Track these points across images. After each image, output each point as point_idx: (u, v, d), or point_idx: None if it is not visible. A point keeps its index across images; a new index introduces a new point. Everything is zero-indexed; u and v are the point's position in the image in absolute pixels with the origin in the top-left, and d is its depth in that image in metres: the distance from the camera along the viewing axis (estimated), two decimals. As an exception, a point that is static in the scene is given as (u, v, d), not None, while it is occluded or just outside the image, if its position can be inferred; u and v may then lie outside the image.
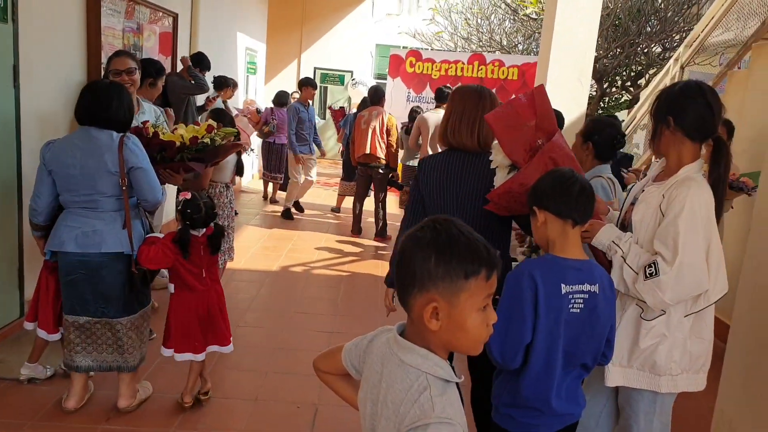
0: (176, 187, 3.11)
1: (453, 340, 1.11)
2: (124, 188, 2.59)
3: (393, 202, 8.05)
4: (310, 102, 7.44)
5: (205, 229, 2.80)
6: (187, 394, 2.88)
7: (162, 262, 2.68)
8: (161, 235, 2.78)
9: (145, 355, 2.85)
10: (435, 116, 6.05)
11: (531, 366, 1.70)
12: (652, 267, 1.86)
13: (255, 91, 10.12)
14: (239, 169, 4.10)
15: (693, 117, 1.94)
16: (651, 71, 9.41)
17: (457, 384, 1.15)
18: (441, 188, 2.42)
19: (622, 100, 10.70)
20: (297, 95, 8.94)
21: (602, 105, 9.70)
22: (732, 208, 4.21)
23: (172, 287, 2.82)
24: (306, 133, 7.26)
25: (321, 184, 9.72)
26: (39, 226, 2.70)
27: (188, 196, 2.74)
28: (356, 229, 6.90)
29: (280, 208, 7.65)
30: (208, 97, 6.29)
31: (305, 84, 7.41)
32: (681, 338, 1.94)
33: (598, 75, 9.44)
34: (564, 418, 1.79)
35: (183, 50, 5.98)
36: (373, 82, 10.08)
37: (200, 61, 5.83)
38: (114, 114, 2.59)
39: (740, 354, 2.64)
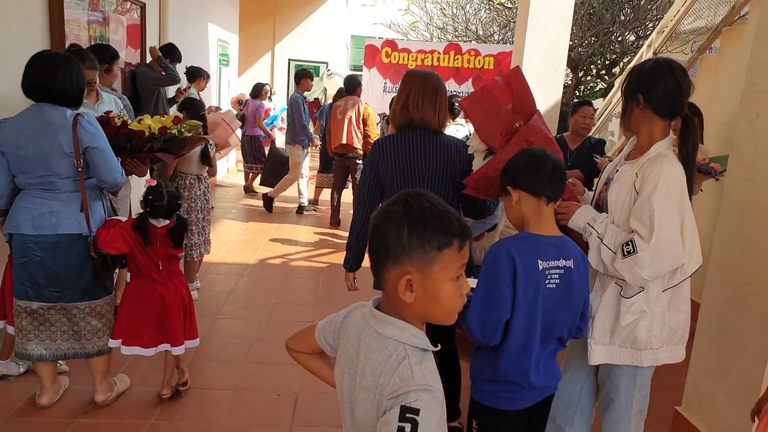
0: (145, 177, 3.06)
1: (427, 310, 1.13)
2: (79, 169, 2.50)
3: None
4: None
5: (168, 222, 2.72)
6: (165, 386, 2.84)
7: (121, 246, 2.59)
8: (124, 218, 2.73)
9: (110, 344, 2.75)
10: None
11: (510, 342, 1.71)
12: (629, 245, 1.88)
13: (228, 84, 10.00)
14: (204, 159, 3.97)
15: (662, 94, 1.96)
16: (625, 59, 9.54)
17: (433, 353, 1.17)
18: (402, 168, 2.47)
19: (597, 88, 10.83)
20: (268, 88, 8.88)
21: (578, 93, 9.80)
22: (702, 191, 4.30)
23: (128, 276, 2.75)
24: (306, 124, 7.21)
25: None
26: (0, 210, 2.61)
27: (153, 183, 2.69)
28: (335, 221, 6.87)
29: (258, 202, 7.58)
30: (179, 89, 6.18)
31: (305, 75, 7.39)
32: (660, 312, 1.97)
33: (573, 64, 9.53)
34: (542, 391, 1.82)
35: (152, 41, 5.87)
36: (348, 73, 10.03)
37: (170, 52, 5.72)
38: (60, 84, 2.46)
39: (710, 330, 2.69)
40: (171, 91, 6.11)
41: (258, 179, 8.18)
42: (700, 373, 2.76)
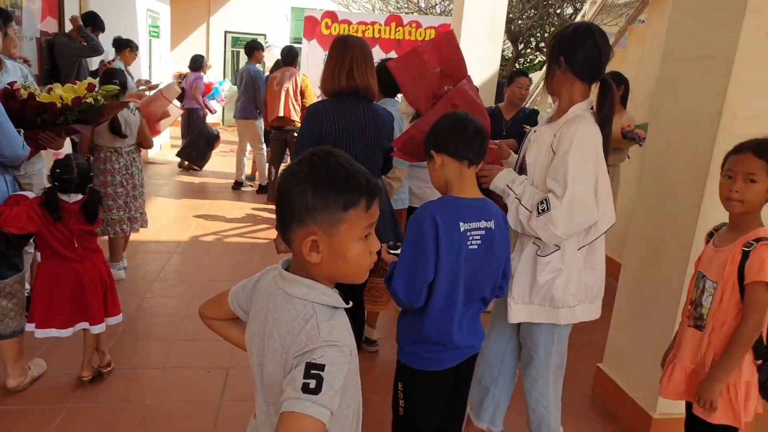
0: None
1: (336, 270, 1.10)
2: None
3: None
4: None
5: (80, 197, 2.56)
6: (85, 367, 2.71)
7: (26, 225, 2.42)
8: (31, 195, 2.55)
9: (24, 325, 2.61)
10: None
11: (433, 303, 1.71)
12: (544, 203, 1.91)
13: (160, 57, 9.56)
14: (113, 129, 3.71)
15: (582, 58, 1.99)
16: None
17: (347, 310, 1.16)
18: (344, 136, 2.42)
19: (537, 60, 10.99)
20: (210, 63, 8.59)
21: (517, 66, 9.90)
22: (629, 158, 4.43)
23: (38, 255, 2.59)
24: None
25: (229, 152, 9.40)
26: None
27: (60, 155, 2.52)
28: (272, 196, 6.74)
29: (192, 178, 7.37)
30: (103, 61, 5.85)
31: (256, 47, 7.22)
32: (576, 270, 2.01)
33: (513, 36, 9.61)
34: (466, 350, 1.83)
35: (72, 10, 5.51)
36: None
37: (92, 20, 5.39)
38: None
39: (629, 288, 2.80)
40: (94, 63, 5.77)
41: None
42: (620, 330, 2.87)
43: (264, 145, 7.13)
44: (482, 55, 6.06)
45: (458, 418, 1.97)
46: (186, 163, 7.89)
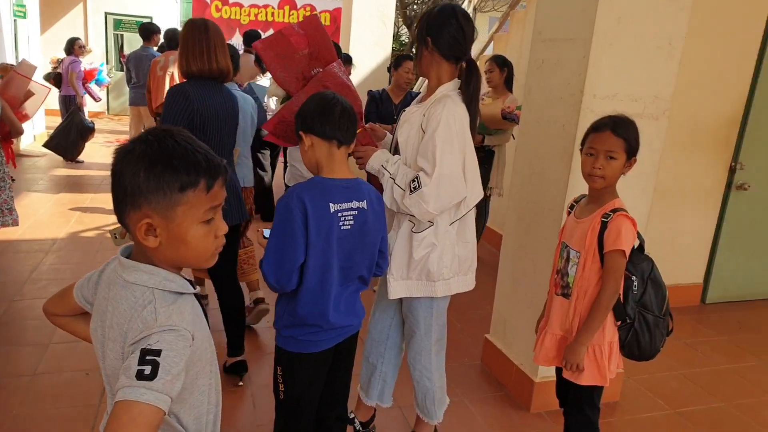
0: None
1: (177, 255, 1.06)
2: None
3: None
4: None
5: None
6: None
7: None
8: None
9: None
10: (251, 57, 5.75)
11: (306, 285, 1.70)
12: (415, 181, 1.96)
13: (28, 40, 8.74)
14: None
15: (447, 38, 2.04)
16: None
17: (198, 296, 1.13)
18: (217, 115, 2.49)
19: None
20: (82, 42, 7.95)
21: (414, 51, 10.05)
22: (513, 138, 4.64)
23: None
24: None
25: (115, 142, 8.86)
26: None
27: None
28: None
29: (71, 171, 6.86)
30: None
31: (154, 31, 6.97)
32: (449, 244, 2.08)
33: (409, 21, 9.73)
34: (344, 330, 1.84)
35: None
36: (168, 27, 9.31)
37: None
38: None
39: (509, 261, 2.94)
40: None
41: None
42: (502, 301, 3.01)
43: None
44: (373, 39, 6.10)
45: (341, 398, 1.99)
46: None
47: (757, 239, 4.21)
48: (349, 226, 1.73)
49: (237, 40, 7.99)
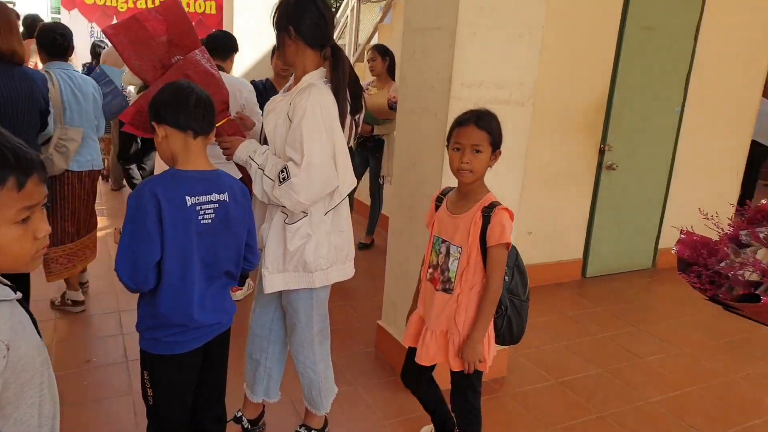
0: None
1: None
2: None
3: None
4: None
5: None
6: None
7: None
8: None
9: None
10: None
11: (166, 283, 1.64)
12: (284, 172, 1.93)
13: None
14: None
15: (309, 25, 2.02)
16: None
17: (22, 303, 1.05)
18: (11, 100, 2.53)
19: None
20: None
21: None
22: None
23: None
24: None
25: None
26: None
27: None
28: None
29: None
30: None
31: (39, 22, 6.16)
32: (324, 234, 2.08)
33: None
34: (212, 329, 1.79)
35: None
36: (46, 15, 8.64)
37: None
38: None
39: (395, 248, 3.00)
40: None
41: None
42: (392, 286, 3.07)
43: None
44: (258, 28, 5.97)
45: (217, 398, 1.94)
46: None
47: (627, 215, 4.56)
48: (209, 220, 1.68)
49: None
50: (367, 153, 4.53)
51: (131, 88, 4.63)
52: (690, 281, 1.44)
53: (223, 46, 3.58)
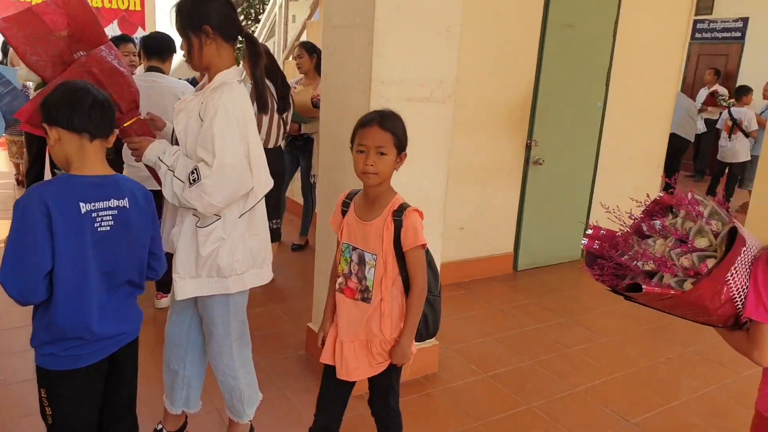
0: None
1: None
2: None
3: None
4: None
5: None
6: None
7: None
8: None
9: None
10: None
11: (60, 295, 1.54)
12: (194, 173, 1.86)
13: None
14: None
15: (223, 17, 1.95)
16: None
17: None
18: None
19: (253, 30, 10.95)
20: None
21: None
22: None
23: None
24: None
25: None
26: None
27: None
28: None
29: None
30: None
31: None
32: (239, 238, 2.01)
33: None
34: (116, 339, 1.70)
35: None
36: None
37: None
38: None
39: (323, 246, 2.96)
40: None
41: None
42: (321, 287, 3.02)
43: None
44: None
45: (127, 409, 1.85)
46: None
47: (555, 208, 4.69)
48: (108, 228, 1.60)
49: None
50: (297, 152, 4.46)
51: (30, 84, 4.35)
52: (593, 274, 1.46)
53: (161, 47, 3.43)
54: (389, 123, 1.80)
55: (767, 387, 1.47)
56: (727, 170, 7.55)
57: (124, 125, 2.03)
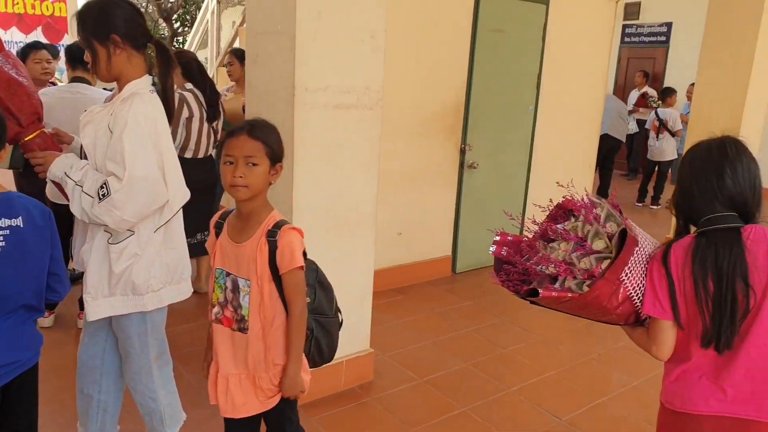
0: None
1: None
2: None
3: None
4: None
5: None
6: None
7: None
8: None
9: None
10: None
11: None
12: (104, 187, 1.78)
13: None
14: None
15: (131, 24, 1.88)
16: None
17: None
18: None
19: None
20: None
21: (175, 45, 9.50)
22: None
23: None
24: None
25: None
26: None
27: None
28: None
29: None
30: None
31: None
32: (155, 253, 1.93)
33: (165, 14, 9.15)
34: (10, 368, 1.60)
35: None
36: None
37: None
38: None
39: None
40: None
41: None
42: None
43: None
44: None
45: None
46: None
47: (490, 211, 4.75)
48: (-1, 249, 1.50)
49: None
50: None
51: None
52: (498, 280, 1.48)
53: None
54: (260, 132, 1.65)
55: (668, 380, 1.51)
56: (656, 168, 7.88)
57: (26, 139, 1.92)
